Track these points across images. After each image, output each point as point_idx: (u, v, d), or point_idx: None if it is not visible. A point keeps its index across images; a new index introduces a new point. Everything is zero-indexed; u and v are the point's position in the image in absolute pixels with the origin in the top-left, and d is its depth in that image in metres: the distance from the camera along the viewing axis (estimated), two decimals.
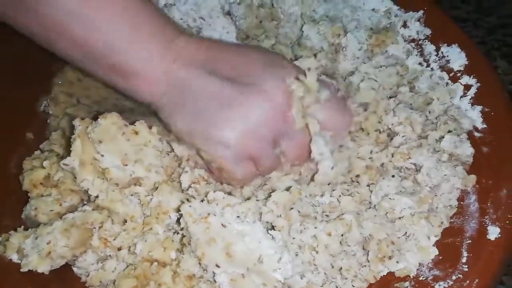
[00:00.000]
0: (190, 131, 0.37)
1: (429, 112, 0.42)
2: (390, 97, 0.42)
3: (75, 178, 0.37)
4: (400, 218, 0.36)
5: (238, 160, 0.37)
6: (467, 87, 0.44)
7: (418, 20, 0.46)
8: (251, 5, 0.48)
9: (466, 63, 0.45)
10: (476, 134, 0.41)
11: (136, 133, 0.36)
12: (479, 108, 0.42)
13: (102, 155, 0.35)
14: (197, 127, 0.37)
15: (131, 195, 0.37)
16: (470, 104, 0.43)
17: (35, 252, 0.34)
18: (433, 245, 0.36)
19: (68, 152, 0.36)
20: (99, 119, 0.36)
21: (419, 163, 0.38)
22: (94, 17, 0.34)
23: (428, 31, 0.47)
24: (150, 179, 0.37)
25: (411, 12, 0.48)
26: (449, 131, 0.39)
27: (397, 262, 0.35)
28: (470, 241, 0.36)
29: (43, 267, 0.35)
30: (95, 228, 0.36)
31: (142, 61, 0.36)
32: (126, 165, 0.36)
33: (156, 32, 0.37)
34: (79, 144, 0.36)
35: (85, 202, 0.38)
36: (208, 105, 0.36)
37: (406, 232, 0.36)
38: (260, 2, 0.48)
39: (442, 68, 0.45)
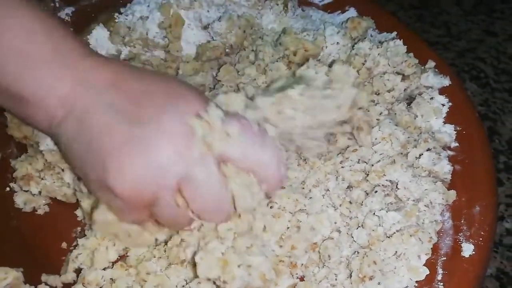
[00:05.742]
0: (81, 168, 0.33)
1: (412, 128, 0.42)
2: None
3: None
4: (389, 236, 0.35)
5: (129, 208, 0.32)
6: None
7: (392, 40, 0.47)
8: (231, 17, 0.47)
9: None
10: (449, 152, 0.42)
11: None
12: (451, 127, 0.43)
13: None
14: (87, 166, 0.32)
15: None
16: (443, 123, 0.43)
17: None
18: (424, 265, 0.35)
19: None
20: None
21: (394, 179, 0.38)
22: None
23: None
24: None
25: (385, 33, 0.49)
26: (428, 149, 0.39)
27: (378, 283, 0.33)
28: (445, 258, 0.36)
29: None
30: None
31: (37, 86, 0.32)
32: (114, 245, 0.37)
33: (56, 53, 0.32)
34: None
35: None
36: (101, 141, 0.31)
37: (396, 252, 0.34)
38: (237, 13, 0.48)
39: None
